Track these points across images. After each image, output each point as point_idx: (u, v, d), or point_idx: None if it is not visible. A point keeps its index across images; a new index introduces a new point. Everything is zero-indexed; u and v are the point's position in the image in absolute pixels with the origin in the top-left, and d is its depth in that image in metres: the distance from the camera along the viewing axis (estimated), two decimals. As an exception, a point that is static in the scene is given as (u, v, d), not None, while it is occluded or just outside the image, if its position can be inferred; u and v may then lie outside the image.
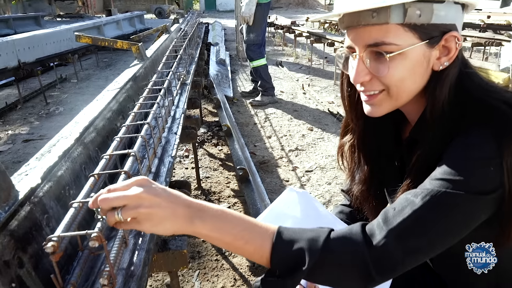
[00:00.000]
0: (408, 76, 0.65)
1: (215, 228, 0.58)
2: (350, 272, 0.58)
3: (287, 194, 0.92)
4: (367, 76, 0.67)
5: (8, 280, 0.53)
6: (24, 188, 0.62)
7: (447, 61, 0.65)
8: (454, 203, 0.58)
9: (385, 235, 0.58)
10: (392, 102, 0.69)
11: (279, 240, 0.60)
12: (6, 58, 3.84)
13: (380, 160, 0.86)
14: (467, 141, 0.61)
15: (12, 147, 3.31)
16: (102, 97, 1.30)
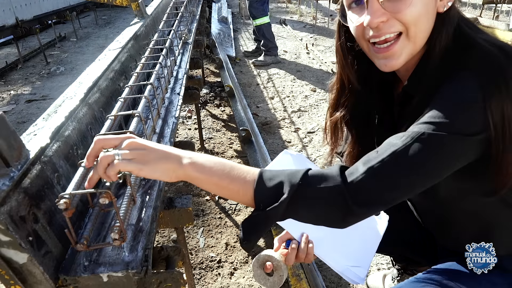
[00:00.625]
0: (425, 13, 0.64)
1: (203, 169, 0.61)
2: (327, 203, 0.60)
3: (282, 156, 0.94)
4: (384, 16, 0.64)
5: (25, 234, 0.56)
6: (34, 147, 0.64)
7: (450, 1, 0.65)
8: (435, 143, 0.59)
9: (364, 171, 0.60)
10: (412, 47, 0.67)
11: (261, 177, 0.63)
12: (3, 15, 3.75)
13: (372, 127, 0.87)
14: (452, 85, 0.61)
15: (16, 107, 3.32)
16: (104, 57, 1.29)
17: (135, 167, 0.58)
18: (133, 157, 0.58)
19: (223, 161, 0.64)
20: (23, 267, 0.57)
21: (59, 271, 0.62)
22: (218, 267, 1.54)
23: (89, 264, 0.64)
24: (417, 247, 1.06)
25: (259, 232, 0.64)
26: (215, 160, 0.64)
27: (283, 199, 0.59)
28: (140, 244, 0.67)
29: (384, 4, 0.63)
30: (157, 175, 0.60)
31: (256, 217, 0.62)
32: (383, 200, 0.60)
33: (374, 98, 0.85)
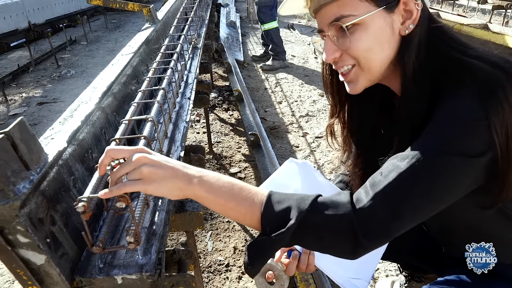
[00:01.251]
0: (374, 45, 0.66)
1: (211, 189, 0.61)
2: (336, 233, 0.59)
3: (287, 165, 0.94)
4: (337, 53, 0.69)
5: (44, 236, 0.58)
6: (52, 151, 0.66)
7: (411, 24, 0.66)
8: (439, 166, 0.58)
9: (371, 198, 0.59)
10: (366, 75, 0.70)
11: (269, 200, 0.62)
12: (16, 19, 3.82)
13: (369, 137, 0.88)
14: (452, 103, 0.60)
15: (28, 109, 3.37)
16: (117, 61, 1.31)
17: (141, 187, 0.58)
18: (140, 176, 0.58)
19: (232, 181, 0.63)
20: (41, 268, 0.58)
21: (75, 273, 0.63)
22: (226, 271, 1.55)
23: (104, 266, 0.65)
24: (423, 255, 1.06)
25: (264, 257, 0.63)
26: (224, 180, 0.63)
27: (290, 224, 0.58)
28: (153, 247, 0.68)
29: (337, 41, 0.68)
30: (163, 193, 0.60)
31: (262, 242, 0.61)
32: (392, 231, 0.59)
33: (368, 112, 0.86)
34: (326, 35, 0.69)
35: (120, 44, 5.20)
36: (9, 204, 0.52)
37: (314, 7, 0.69)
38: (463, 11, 6.74)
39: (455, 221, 0.80)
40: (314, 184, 0.93)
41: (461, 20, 3.41)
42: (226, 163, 2.35)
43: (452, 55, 0.65)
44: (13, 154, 0.55)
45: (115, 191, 0.57)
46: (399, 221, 0.59)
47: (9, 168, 0.54)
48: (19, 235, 0.54)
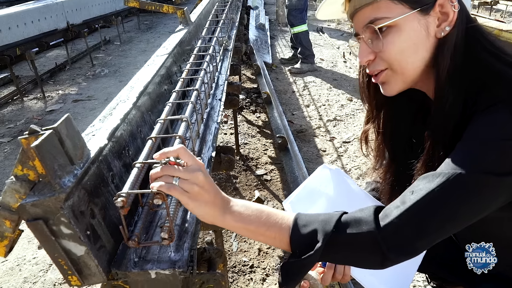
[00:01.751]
0: (407, 48, 0.65)
1: (241, 218, 0.64)
2: (361, 250, 0.61)
3: (320, 171, 0.94)
4: (371, 55, 0.69)
5: (84, 228, 0.60)
6: (94, 147, 0.69)
7: (448, 26, 0.64)
8: (470, 186, 0.56)
9: (399, 215, 0.59)
10: (399, 78, 0.69)
11: (296, 224, 0.64)
12: (56, 19, 3.99)
13: (403, 144, 0.86)
14: (486, 118, 0.59)
15: (63, 106, 3.52)
16: (152, 62, 1.34)
17: (185, 200, 0.61)
18: (191, 191, 0.61)
19: (260, 208, 0.67)
20: (80, 259, 0.61)
21: (111, 265, 0.65)
22: (251, 272, 1.55)
23: (139, 260, 0.67)
24: (455, 268, 1.03)
25: (297, 278, 0.65)
26: (252, 208, 0.66)
27: (317, 247, 0.60)
28: (185, 244, 0.70)
29: (371, 43, 0.68)
30: (198, 214, 0.64)
31: (293, 264, 0.64)
32: (417, 247, 0.59)
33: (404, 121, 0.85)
34: (361, 38, 0.70)
35: (151, 45, 5.33)
36: (55, 196, 0.55)
37: (351, 11, 0.70)
38: (501, 16, 6.48)
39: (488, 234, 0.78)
40: (347, 191, 0.92)
41: (500, 26, 3.28)
42: (253, 165, 2.36)
43: (488, 60, 0.63)
44: (60, 149, 0.58)
45: (164, 188, 0.59)
46: (424, 240, 0.59)
47: (56, 162, 0.57)
48: (63, 226, 0.57)
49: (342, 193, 0.92)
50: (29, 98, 3.72)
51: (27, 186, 0.58)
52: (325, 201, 0.89)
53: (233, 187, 2.14)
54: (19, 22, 3.39)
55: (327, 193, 0.91)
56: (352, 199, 0.92)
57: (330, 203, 0.89)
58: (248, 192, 2.10)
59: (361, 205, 0.92)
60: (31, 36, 3.57)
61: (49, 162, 0.55)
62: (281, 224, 0.65)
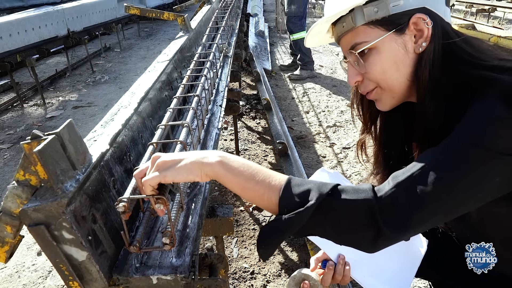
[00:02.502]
0: (389, 66, 0.69)
1: (230, 168, 0.61)
2: (356, 218, 0.57)
3: (318, 174, 0.94)
4: (358, 77, 0.75)
5: (86, 233, 0.60)
6: (96, 152, 0.69)
7: (424, 42, 0.67)
8: (468, 159, 0.56)
9: (393, 186, 0.58)
10: (389, 94, 0.74)
11: (289, 183, 0.61)
12: (57, 26, 4.02)
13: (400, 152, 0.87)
14: (477, 107, 0.60)
15: (63, 112, 3.52)
16: (153, 68, 1.35)
17: (159, 176, 0.60)
18: (157, 168, 0.61)
19: (252, 163, 0.64)
20: (82, 264, 0.61)
21: (113, 271, 0.65)
22: (251, 278, 1.55)
23: (140, 266, 0.67)
24: (457, 273, 1.02)
25: (278, 238, 0.60)
26: (243, 161, 0.64)
27: (309, 205, 0.56)
28: (187, 250, 0.70)
29: (357, 66, 0.73)
30: (182, 176, 0.60)
31: (277, 222, 0.59)
32: (414, 220, 0.56)
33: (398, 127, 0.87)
34: (348, 61, 0.76)
35: (151, 52, 5.36)
36: (57, 201, 0.55)
37: (336, 38, 0.78)
38: (499, 23, 6.53)
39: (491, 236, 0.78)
40: None
41: (498, 33, 3.30)
42: (253, 171, 2.36)
43: (467, 71, 0.65)
44: (62, 153, 0.59)
45: (142, 191, 0.61)
46: (420, 213, 0.56)
47: (58, 167, 0.57)
48: (64, 231, 0.57)
49: None
50: (29, 105, 3.72)
51: (29, 191, 0.58)
52: None
53: (233, 193, 2.14)
54: (19, 29, 3.40)
55: None
56: None
57: None
58: (248, 198, 2.10)
59: None
60: (32, 43, 3.59)
61: (52, 167, 0.55)
62: (270, 181, 0.61)
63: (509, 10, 6.12)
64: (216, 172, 0.62)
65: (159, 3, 8.29)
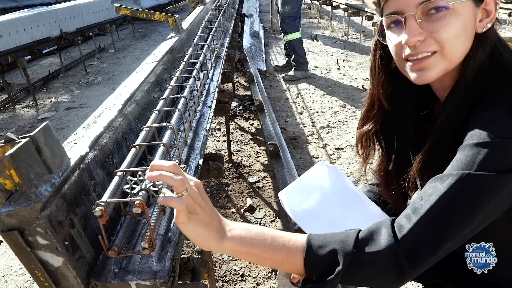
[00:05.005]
0: (461, 33, 0.65)
1: (243, 242, 0.61)
2: (383, 267, 0.58)
3: (318, 168, 0.93)
4: (421, 35, 0.65)
5: (62, 238, 0.59)
6: (75, 155, 0.67)
7: (489, 22, 0.66)
8: (482, 185, 0.56)
9: (413, 225, 0.58)
10: (445, 64, 0.67)
11: (310, 246, 0.61)
12: (49, 27, 3.99)
13: (401, 144, 0.86)
14: (486, 119, 0.59)
15: (56, 114, 3.49)
16: (141, 69, 1.34)
17: (182, 218, 0.58)
18: (192, 207, 0.58)
19: (263, 230, 0.63)
20: (58, 270, 0.59)
21: (91, 276, 0.64)
22: (241, 281, 1.53)
23: (119, 271, 0.65)
24: (452, 275, 1.01)
25: None
26: (254, 230, 0.63)
27: (338, 270, 0.58)
28: (168, 254, 0.69)
29: (421, 23, 0.65)
30: (192, 236, 0.60)
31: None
32: (435, 255, 0.58)
33: (408, 116, 0.84)
34: (409, 16, 0.65)
35: (146, 53, 5.33)
36: (31, 206, 0.54)
37: None
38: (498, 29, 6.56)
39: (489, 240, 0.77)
40: (343, 189, 0.92)
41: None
42: (245, 172, 2.35)
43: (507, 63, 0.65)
44: (37, 157, 0.57)
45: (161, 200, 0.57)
46: (444, 245, 0.57)
47: (32, 171, 0.55)
48: (39, 236, 0.56)
49: (337, 190, 0.91)
50: (21, 106, 3.69)
51: (3, 196, 0.57)
52: (320, 196, 0.89)
53: (225, 195, 2.13)
54: (11, 30, 3.38)
55: (323, 189, 0.90)
56: (347, 197, 0.91)
57: (325, 199, 0.89)
58: (240, 199, 2.09)
59: (355, 203, 0.92)
60: (23, 44, 3.56)
61: (25, 171, 0.54)
62: (289, 247, 0.61)
63: (503, 10, 6.16)
64: (226, 251, 0.62)
65: (154, 4, 8.27)
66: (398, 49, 0.70)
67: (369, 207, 0.92)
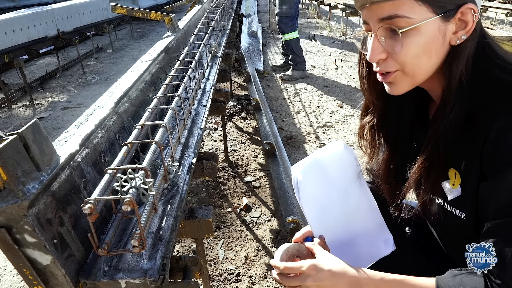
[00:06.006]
0: (423, 53, 0.63)
1: None
2: None
3: (334, 145, 0.89)
4: (383, 54, 0.65)
5: (51, 236, 0.58)
6: (65, 153, 0.67)
7: (464, 35, 0.62)
8: None
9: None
10: (409, 80, 0.67)
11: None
12: (46, 27, 3.97)
13: (402, 140, 0.85)
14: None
15: (52, 113, 3.48)
16: (136, 68, 1.33)
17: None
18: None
19: (397, 279, 0.67)
20: (46, 268, 0.59)
21: (80, 275, 0.63)
22: (237, 280, 1.53)
23: (109, 269, 0.65)
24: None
25: None
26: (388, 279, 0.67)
27: None
28: (159, 253, 0.68)
29: (385, 41, 0.64)
30: None
31: None
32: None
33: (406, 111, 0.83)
34: (373, 33, 0.65)
35: (143, 53, 5.29)
36: (18, 203, 0.53)
37: (365, 1, 0.64)
38: (491, 23, 6.57)
39: None
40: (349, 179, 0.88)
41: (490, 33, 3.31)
42: (242, 172, 2.34)
43: (497, 74, 0.63)
44: (25, 154, 0.57)
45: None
46: None
47: (20, 168, 0.55)
48: (26, 234, 0.55)
49: (343, 178, 0.88)
50: (17, 106, 3.68)
51: (-10, 193, 0.56)
52: (327, 181, 0.86)
53: (221, 194, 2.12)
54: (7, 29, 3.36)
55: (331, 174, 0.87)
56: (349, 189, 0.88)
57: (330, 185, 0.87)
58: (236, 199, 2.08)
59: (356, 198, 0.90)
60: (20, 43, 3.55)
61: (11, 168, 0.53)
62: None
63: (501, 10, 6.16)
64: None
65: (152, 4, 8.25)
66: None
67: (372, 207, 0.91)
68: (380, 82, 0.75)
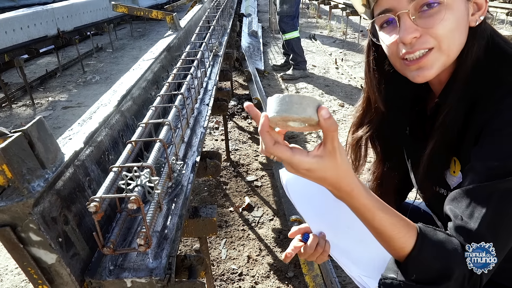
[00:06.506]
0: (456, 27, 0.64)
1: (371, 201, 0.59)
2: None
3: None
4: (417, 32, 0.64)
5: (56, 235, 0.58)
6: (69, 151, 0.66)
7: (481, 15, 0.66)
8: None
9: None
10: (443, 60, 0.66)
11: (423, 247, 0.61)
12: (46, 26, 3.96)
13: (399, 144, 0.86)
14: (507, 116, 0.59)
15: (53, 113, 3.47)
16: (138, 67, 1.33)
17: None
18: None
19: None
20: (51, 267, 0.58)
21: (85, 274, 0.62)
22: (239, 280, 1.52)
23: (114, 268, 0.64)
24: None
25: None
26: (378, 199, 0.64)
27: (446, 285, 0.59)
28: (164, 252, 0.68)
29: (415, 20, 0.64)
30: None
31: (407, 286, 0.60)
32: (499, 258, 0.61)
33: (403, 116, 0.83)
34: (402, 14, 0.64)
35: (144, 52, 5.30)
36: (23, 201, 0.53)
37: None
38: (491, 23, 6.57)
39: None
40: None
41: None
42: (243, 171, 2.34)
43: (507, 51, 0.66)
44: (30, 152, 0.56)
45: None
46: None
47: (24, 166, 0.54)
48: (32, 233, 0.55)
49: None
50: (18, 105, 3.67)
51: (-5, 191, 0.56)
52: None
53: (223, 193, 2.11)
54: (7, 28, 3.35)
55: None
56: None
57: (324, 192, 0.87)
58: (238, 198, 2.07)
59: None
60: (20, 43, 3.54)
61: (17, 166, 0.53)
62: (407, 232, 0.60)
63: (501, 10, 6.16)
64: (354, 199, 0.59)
65: (152, 3, 8.24)
66: (393, 49, 0.68)
67: None
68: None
